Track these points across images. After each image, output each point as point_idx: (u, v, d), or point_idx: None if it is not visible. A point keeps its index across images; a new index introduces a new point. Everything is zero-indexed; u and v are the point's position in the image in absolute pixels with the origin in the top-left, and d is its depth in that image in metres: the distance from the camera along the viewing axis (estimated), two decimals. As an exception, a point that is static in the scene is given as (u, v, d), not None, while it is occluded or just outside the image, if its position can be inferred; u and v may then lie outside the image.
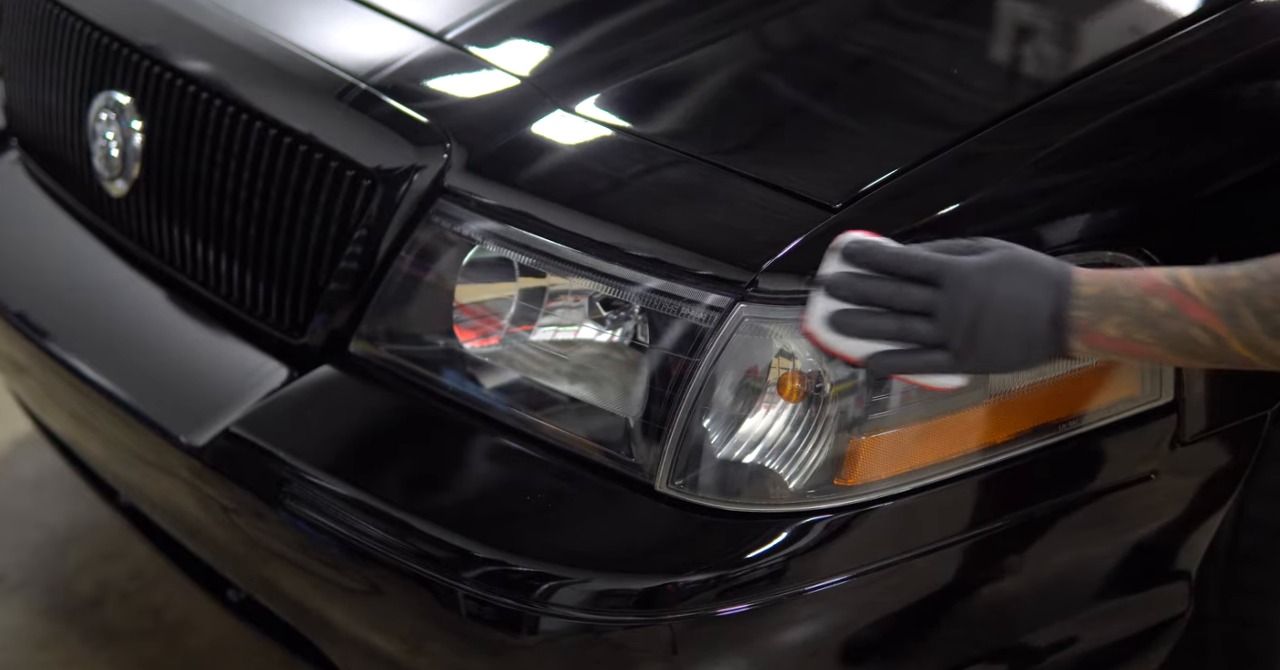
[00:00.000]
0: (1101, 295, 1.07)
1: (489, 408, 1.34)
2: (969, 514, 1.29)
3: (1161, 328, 1.05)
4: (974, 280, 1.08)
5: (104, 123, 1.63)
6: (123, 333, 1.60)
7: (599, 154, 1.37)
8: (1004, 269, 1.09)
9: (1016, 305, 1.07)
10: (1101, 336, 1.07)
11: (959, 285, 1.08)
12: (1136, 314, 1.06)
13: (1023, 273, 1.08)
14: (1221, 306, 1.03)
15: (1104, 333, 1.07)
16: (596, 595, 1.22)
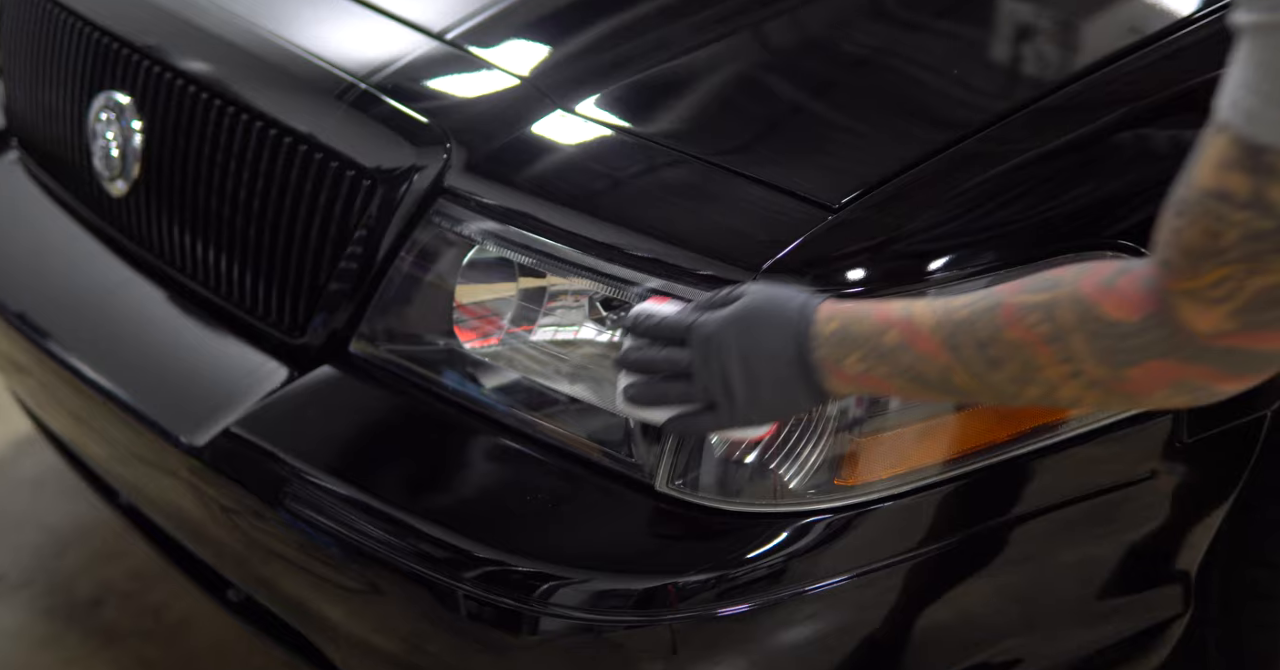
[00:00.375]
0: (840, 331, 1.05)
1: (489, 408, 1.34)
2: (969, 514, 1.29)
3: (895, 362, 1.03)
4: (716, 336, 1.09)
5: (104, 123, 1.63)
6: (123, 333, 1.60)
7: (599, 154, 1.37)
8: (743, 320, 1.08)
9: (760, 355, 1.07)
10: (845, 374, 1.05)
11: (704, 343, 1.09)
12: (872, 348, 1.03)
13: (762, 321, 1.08)
14: (945, 337, 1.00)
15: (846, 370, 1.05)
16: (596, 595, 1.22)
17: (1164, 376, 0.89)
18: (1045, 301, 0.94)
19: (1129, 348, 0.89)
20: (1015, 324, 0.95)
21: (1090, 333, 0.91)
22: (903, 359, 1.02)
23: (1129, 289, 0.89)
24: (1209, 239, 0.81)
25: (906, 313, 1.03)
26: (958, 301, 1.00)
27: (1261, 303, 0.81)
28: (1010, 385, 0.97)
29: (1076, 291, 0.92)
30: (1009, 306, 0.96)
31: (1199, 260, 0.82)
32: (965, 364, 0.99)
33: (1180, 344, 0.86)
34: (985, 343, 0.97)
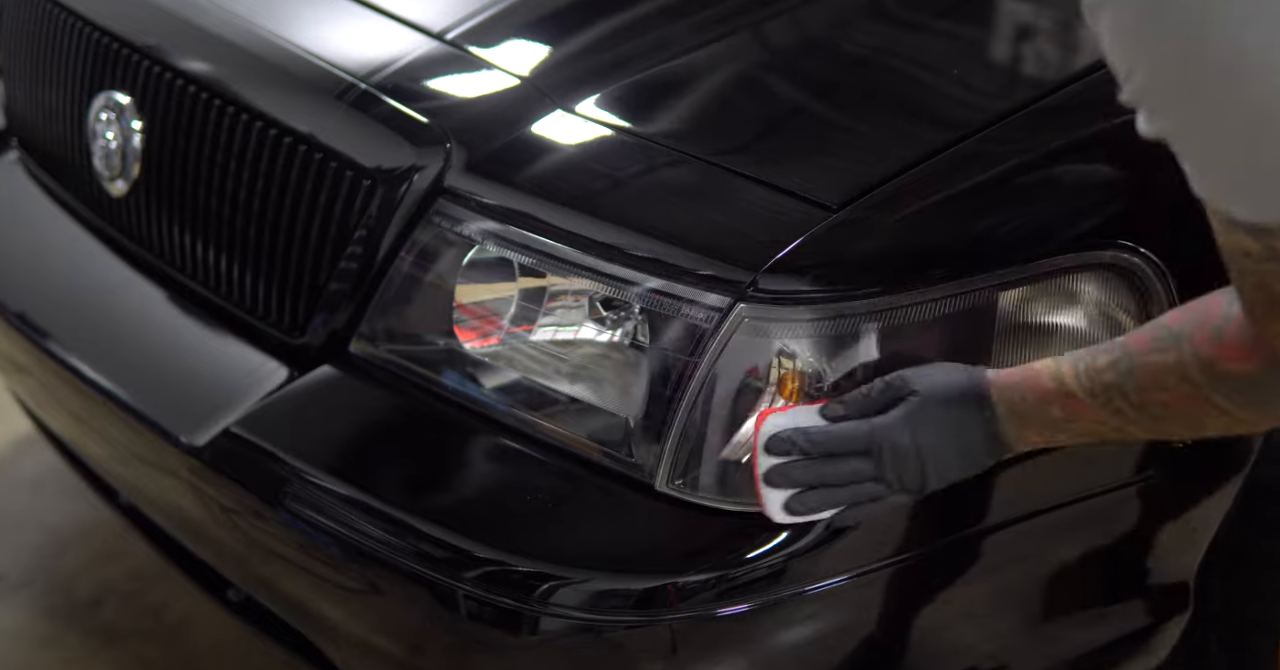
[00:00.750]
0: (1011, 411, 1.10)
1: (489, 408, 1.34)
2: (969, 514, 1.29)
3: (1071, 430, 1.08)
4: (903, 443, 1.13)
5: (104, 123, 1.63)
6: (123, 333, 1.60)
7: (599, 154, 1.37)
8: (926, 419, 1.12)
9: (949, 447, 1.12)
10: (1030, 441, 1.12)
11: (893, 451, 1.13)
12: (1044, 422, 1.09)
13: (945, 417, 1.12)
14: (1104, 404, 1.03)
15: (1031, 439, 1.12)
16: (596, 595, 1.22)
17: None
18: (1175, 364, 0.97)
19: (1268, 392, 0.93)
20: (1160, 388, 0.99)
21: (1227, 389, 0.94)
22: (1076, 428, 1.07)
23: (1237, 340, 0.92)
24: (1262, 291, 0.85)
25: (1058, 383, 1.06)
26: (1099, 362, 1.03)
27: None
28: (1186, 431, 1.02)
29: (1196, 350, 0.95)
30: (1147, 369, 0.99)
31: (1269, 308, 0.85)
32: (1134, 423, 1.03)
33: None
34: (1141, 405, 1.01)
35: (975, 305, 1.22)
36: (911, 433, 1.12)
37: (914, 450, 1.12)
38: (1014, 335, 1.24)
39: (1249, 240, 0.82)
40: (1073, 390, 1.05)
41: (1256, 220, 0.80)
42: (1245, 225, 0.81)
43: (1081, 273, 1.25)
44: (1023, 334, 1.25)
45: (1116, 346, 1.03)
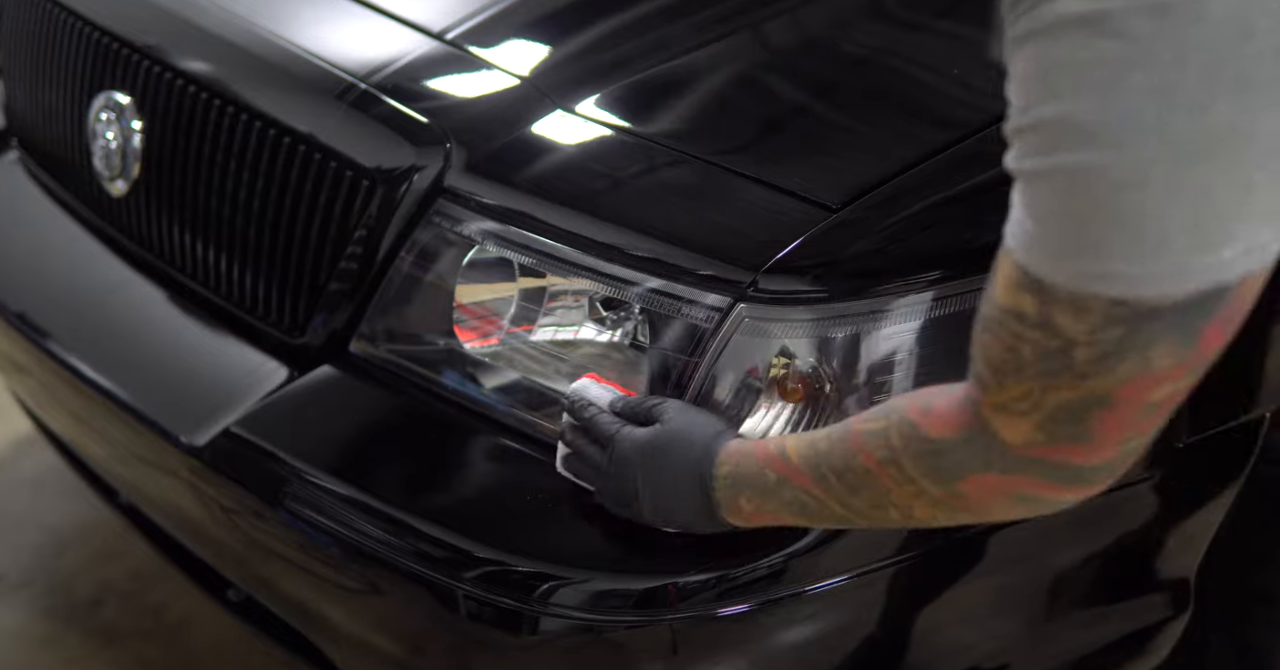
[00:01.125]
0: (731, 473, 1.11)
1: (489, 408, 1.34)
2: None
3: (780, 497, 1.07)
4: (630, 460, 1.17)
5: (104, 123, 1.63)
6: (123, 333, 1.60)
7: (599, 154, 1.37)
8: (655, 451, 1.16)
9: (665, 487, 1.15)
10: (740, 511, 1.12)
11: (619, 461, 1.18)
12: (759, 487, 1.09)
13: (671, 455, 1.15)
14: (811, 469, 1.04)
15: (741, 507, 1.11)
16: (596, 595, 1.22)
17: (993, 489, 0.90)
18: (881, 428, 0.98)
19: (952, 464, 0.92)
20: (860, 451, 0.99)
21: (917, 453, 0.94)
22: (784, 494, 1.07)
23: (945, 409, 0.92)
24: (1009, 354, 0.83)
25: (780, 450, 1.07)
26: (820, 433, 1.05)
27: (1061, 418, 0.82)
28: (874, 510, 1.01)
29: (904, 416, 0.96)
30: (854, 434, 1.00)
31: (1003, 375, 0.84)
32: (832, 493, 1.03)
33: (996, 456, 0.88)
34: (841, 471, 1.01)
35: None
36: (638, 458, 1.16)
37: (633, 474, 1.16)
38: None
39: (1030, 303, 0.81)
40: (789, 454, 1.06)
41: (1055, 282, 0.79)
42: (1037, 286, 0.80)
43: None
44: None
45: (839, 423, 1.05)
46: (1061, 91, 0.77)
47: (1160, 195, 0.74)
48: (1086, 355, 0.79)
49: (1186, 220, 0.74)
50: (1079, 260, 0.78)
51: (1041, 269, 0.80)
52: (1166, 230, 0.74)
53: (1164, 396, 0.80)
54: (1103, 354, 0.78)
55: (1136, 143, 0.73)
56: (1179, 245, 0.74)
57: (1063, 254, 0.79)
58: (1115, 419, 0.81)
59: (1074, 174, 0.77)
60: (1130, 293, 0.76)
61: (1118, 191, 0.75)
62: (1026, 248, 0.81)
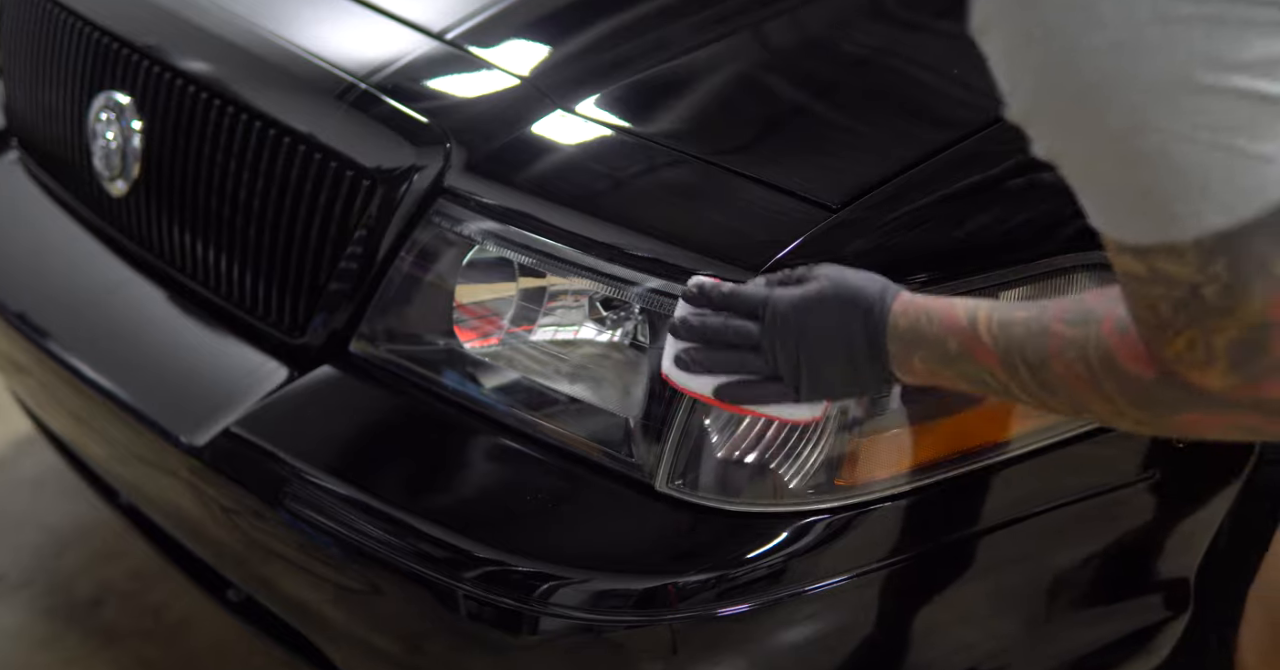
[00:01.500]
0: (910, 329, 1.05)
1: (489, 408, 1.34)
2: (969, 514, 1.29)
3: (958, 367, 1.03)
4: (789, 316, 1.09)
5: (104, 123, 1.63)
6: (123, 333, 1.60)
7: (599, 154, 1.37)
8: (820, 302, 1.08)
9: (831, 339, 1.08)
10: (912, 369, 1.06)
11: (776, 321, 1.09)
12: (937, 352, 1.04)
13: (838, 306, 1.08)
14: (1002, 354, 0.99)
15: (914, 366, 1.06)
16: (596, 595, 1.22)
17: (1210, 424, 0.88)
18: (1079, 339, 0.93)
19: (1161, 401, 0.89)
20: (1059, 357, 0.95)
21: (1120, 382, 0.90)
22: (964, 367, 1.02)
23: (1139, 343, 0.88)
24: (1151, 312, 0.83)
25: (970, 320, 1.02)
26: (1017, 315, 1.00)
27: (1243, 356, 0.81)
28: (1069, 409, 0.97)
29: (1100, 335, 0.92)
30: (1054, 336, 0.95)
31: (1160, 331, 0.83)
32: (1023, 385, 0.99)
33: (1206, 401, 0.85)
34: (1036, 368, 0.97)
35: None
36: (803, 311, 1.09)
37: (793, 332, 1.08)
38: (1014, 335, 1.24)
39: (1134, 263, 0.81)
40: (980, 331, 1.00)
41: (1135, 242, 0.79)
42: (1128, 248, 0.80)
43: (1081, 273, 1.25)
44: (1023, 334, 1.25)
45: (1036, 306, 1.00)
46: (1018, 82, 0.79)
47: (1167, 143, 0.74)
48: (1214, 291, 0.78)
49: (1216, 150, 0.74)
50: (1139, 218, 0.78)
51: (1118, 234, 0.80)
52: (1201, 163, 0.74)
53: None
54: (1227, 285, 0.77)
55: (1117, 97, 0.74)
56: (1225, 172, 0.74)
57: (1122, 216, 0.79)
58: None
59: (1075, 149, 0.78)
60: (1206, 228, 0.75)
61: (1127, 144, 0.75)
62: (1097, 220, 0.81)
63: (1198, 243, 0.77)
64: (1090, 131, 0.78)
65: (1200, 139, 0.74)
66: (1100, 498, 1.35)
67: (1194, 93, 0.74)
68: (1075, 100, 0.77)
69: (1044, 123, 0.80)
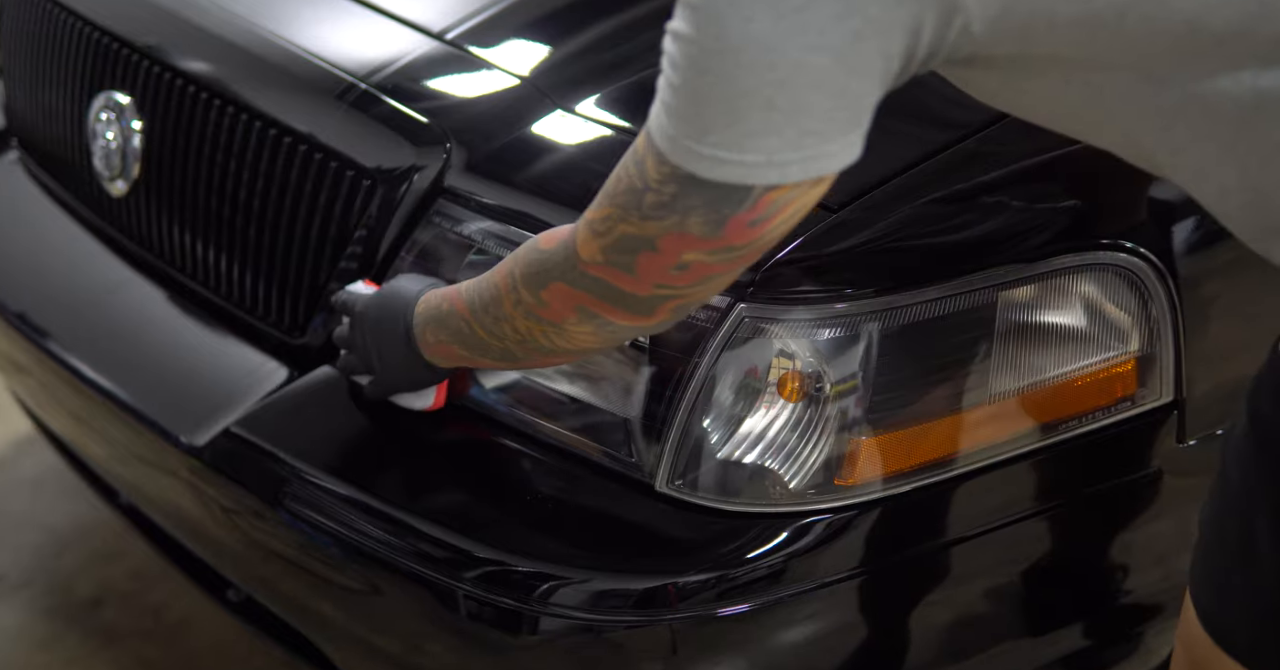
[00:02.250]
0: (425, 311, 1.23)
1: (489, 408, 1.34)
2: (969, 514, 1.29)
3: (450, 328, 1.19)
4: (361, 314, 1.30)
5: (104, 123, 1.63)
6: (123, 333, 1.60)
7: (599, 154, 1.37)
8: (374, 302, 1.29)
9: (383, 331, 1.27)
10: (429, 344, 1.23)
11: (355, 320, 1.31)
12: (437, 319, 1.21)
13: (388, 302, 1.27)
14: (468, 296, 1.16)
15: (427, 340, 1.23)
16: (596, 595, 1.22)
17: (567, 300, 1.05)
18: (516, 253, 1.11)
19: (542, 270, 1.06)
20: (497, 271, 1.13)
21: (525, 261, 1.09)
22: (452, 324, 1.19)
23: (563, 231, 1.06)
24: (614, 182, 0.98)
25: (459, 284, 1.20)
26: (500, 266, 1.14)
27: (619, 247, 0.98)
28: (496, 325, 1.13)
29: (534, 239, 1.10)
30: (502, 261, 1.13)
31: (604, 197, 0.99)
32: (475, 315, 1.16)
33: (570, 267, 1.03)
34: (482, 292, 1.15)
35: (975, 305, 1.22)
36: (367, 309, 1.29)
37: (364, 326, 1.29)
38: (1014, 335, 1.24)
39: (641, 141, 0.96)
40: (462, 287, 1.18)
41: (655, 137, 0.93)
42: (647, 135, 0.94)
43: (1081, 273, 1.25)
44: (1023, 334, 1.25)
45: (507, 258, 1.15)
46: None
47: (711, 84, 0.88)
48: (651, 201, 0.95)
49: (723, 116, 0.89)
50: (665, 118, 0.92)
51: (653, 123, 0.94)
52: (710, 119, 0.89)
53: (693, 261, 0.97)
54: (659, 204, 0.94)
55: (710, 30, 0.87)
56: (717, 136, 0.89)
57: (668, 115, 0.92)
58: (654, 262, 0.97)
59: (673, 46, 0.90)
60: (684, 163, 0.91)
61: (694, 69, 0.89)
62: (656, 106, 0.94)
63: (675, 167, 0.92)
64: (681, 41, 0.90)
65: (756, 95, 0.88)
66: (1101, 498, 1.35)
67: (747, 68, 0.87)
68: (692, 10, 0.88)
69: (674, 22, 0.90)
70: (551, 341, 1.10)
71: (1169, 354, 1.31)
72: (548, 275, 1.06)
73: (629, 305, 1.03)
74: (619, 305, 1.03)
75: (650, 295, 1.01)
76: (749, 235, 0.95)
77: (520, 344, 1.13)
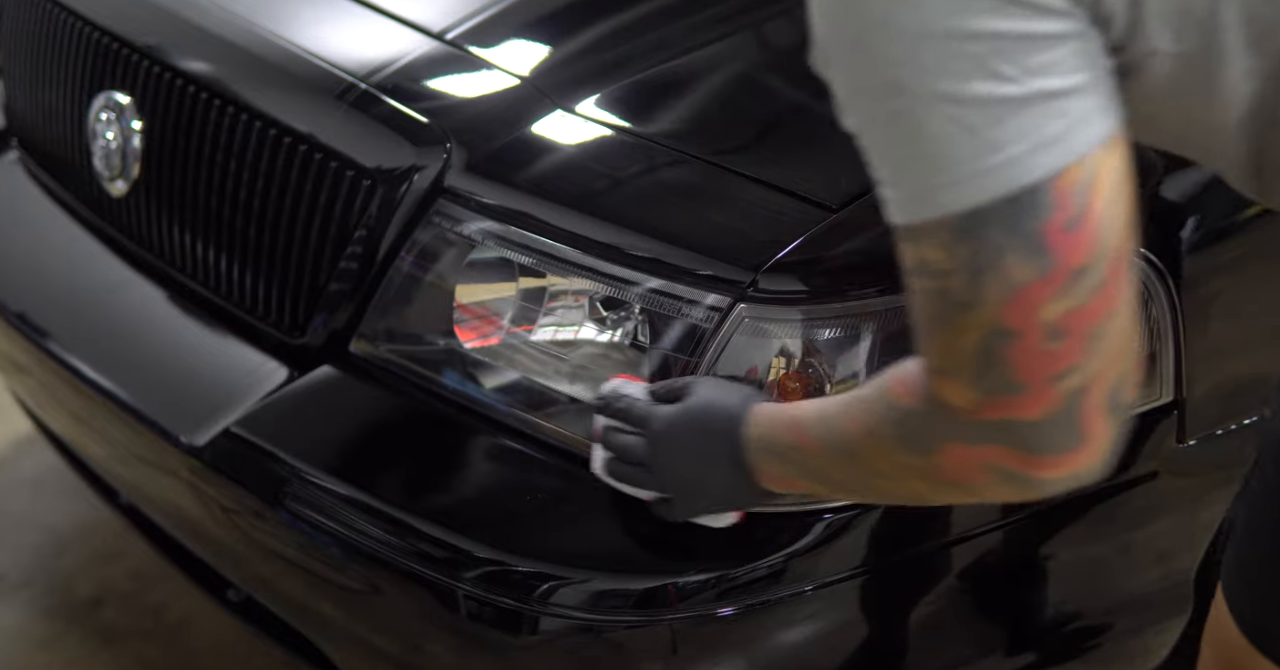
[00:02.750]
0: (760, 437, 1.08)
1: (489, 408, 1.34)
2: (969, 514, 1.29)
3: (795, 462, 1.05)
4: (666, 434, 1.14)
5: (104, 123, 1.63)
6: (123, 333, 1.60)
7: (599, 154, 1.37)
8: (688, 422, 1.13)
9: (703, 457, 1.12)
10: (769, 475, 1.08)
11: (656, 439, 1.15)
12: (778, 452, 1.06)
13: (704, 425, 1.12)
14: (818, 436, 1.01)
15: (769, 471, 1.08)
16: (596, 595, 1.22)
17: (967, 461, 0.87)
18: (868, 394, 0.95)
19: (922, 432, 0.89)
20: (850, 418, 0.97)
21: (893, 421, 0.91)
22: (798, 459, 1.04)
23: (912, 375, 0.89)
24: (918, 312, 0.83)
25: (799, 412, 1.04)
26: (836, 399, 1.01)
27: (981, 366, 0.81)
28: (870, 478, 0.98)
29: (885, 382, 0.93)
30: (853, 400, 0.98)
31: (922, 335, 0.84)
32: (833, 462, 1.00)
33: (955, 423, 0.85)
34: (840, 439, 0.98)
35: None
36: (674, 430, 1.13)
37: (671, 450, 1.13)
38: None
39: (908, 250, 0.82)
40: (803, 420, 1.03)
41: (904, 221, 0.80)
42: (902, 232, 0.81)
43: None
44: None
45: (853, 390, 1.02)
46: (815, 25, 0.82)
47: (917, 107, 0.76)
48: (958, 283, 0.79)
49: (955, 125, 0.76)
50: (903, 190, 0.80)
51: (891, 213, 0.81)
52: (942, 135, 0.76)
53: (1058, 316, 0.78)
54: (968, 276, 0.78)
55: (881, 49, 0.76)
56: (963, 151, 0.76)
57: (891, 189, 0.80)
58: (1024, 350, 0.79)
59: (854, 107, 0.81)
60: (948, 206, 0.77)
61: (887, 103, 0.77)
62: (883, 202, 0.82)
63: (941, 223, 0.78)
64: (861, 84, 0.80)
65: (941, 110, 0.76)
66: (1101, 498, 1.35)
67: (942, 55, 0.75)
68: (851, 50, 0.79)
69: (832, 68, 0.82)
70: (948, 495, 0.98)
71: (1169, 354, 1.31)
72: (932, 437, 0.88)
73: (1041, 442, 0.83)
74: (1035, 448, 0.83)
75: (1055, 403, 0.81)
76: (1079, 244, 0.77)
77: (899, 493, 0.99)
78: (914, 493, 0.97)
